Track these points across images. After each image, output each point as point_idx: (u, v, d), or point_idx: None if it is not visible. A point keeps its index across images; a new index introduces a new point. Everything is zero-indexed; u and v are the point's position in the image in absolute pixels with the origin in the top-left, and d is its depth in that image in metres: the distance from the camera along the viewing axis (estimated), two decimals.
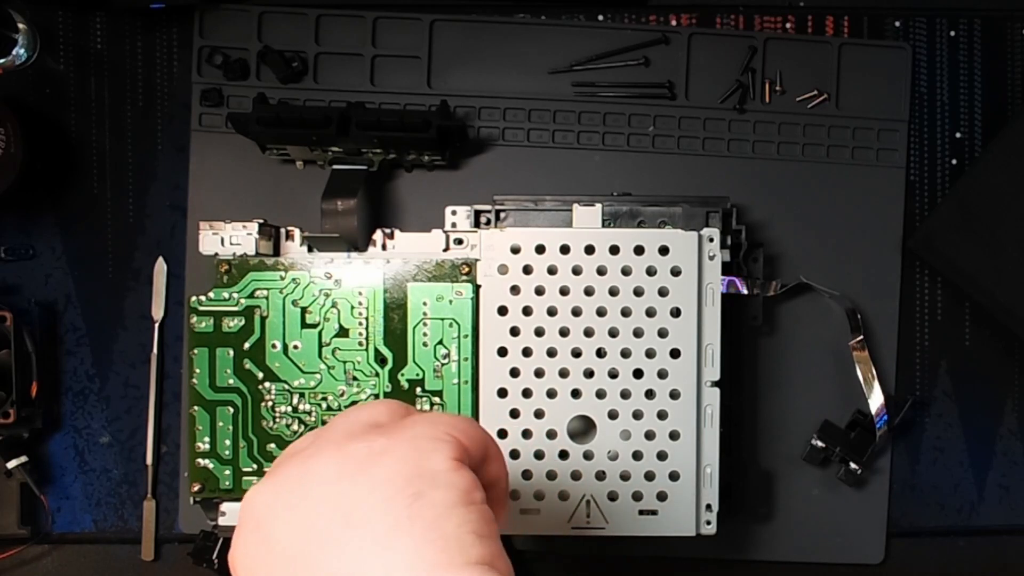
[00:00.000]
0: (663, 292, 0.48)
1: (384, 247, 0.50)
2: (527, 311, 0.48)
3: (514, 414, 0.48)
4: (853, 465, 0.54)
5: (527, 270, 0.48)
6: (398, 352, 0.49)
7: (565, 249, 0.48)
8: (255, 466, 0.49)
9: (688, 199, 0.51)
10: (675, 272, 0.48)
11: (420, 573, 0.25)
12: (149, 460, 0.55)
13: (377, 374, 0.49)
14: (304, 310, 0.49)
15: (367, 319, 0.49)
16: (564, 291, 0.48)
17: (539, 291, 0.48)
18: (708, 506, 0.48)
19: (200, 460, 0.49)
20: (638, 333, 0.48)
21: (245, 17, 0.55)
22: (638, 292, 0.48)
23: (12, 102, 0.54)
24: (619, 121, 0.56)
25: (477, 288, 0.48)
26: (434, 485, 0.27)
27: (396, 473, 0.27)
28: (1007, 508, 0.56)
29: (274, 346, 0.49)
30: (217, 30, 0.55)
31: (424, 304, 0.49)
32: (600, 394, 0.48)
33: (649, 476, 0.48)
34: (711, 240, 0.48)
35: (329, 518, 0.27)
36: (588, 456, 0.48)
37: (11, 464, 0.53)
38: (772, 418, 0.55)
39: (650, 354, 0.48)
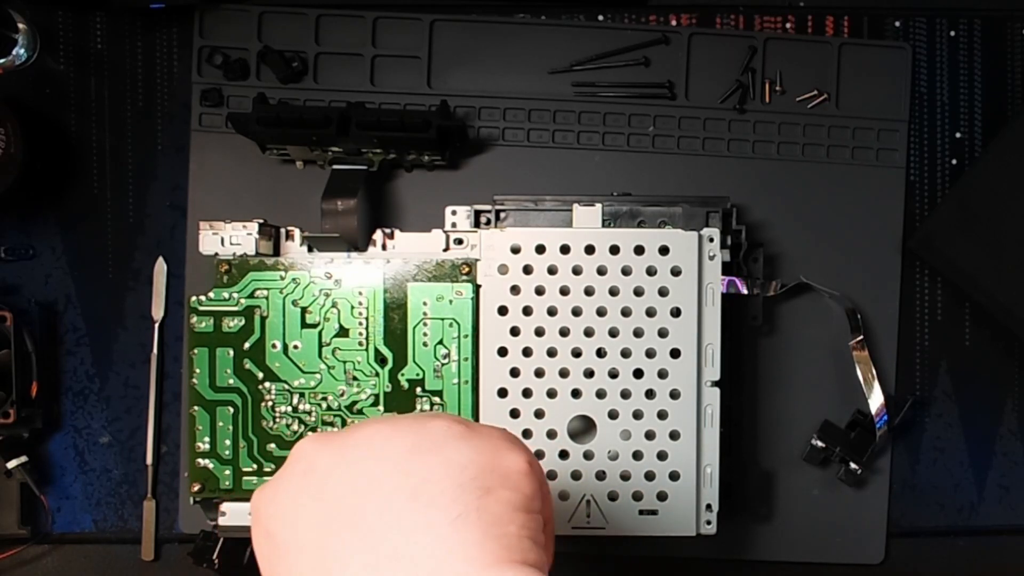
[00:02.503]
0: (663, 292, 0.48)
1: (384, 247, 0.50)
2: (527, 311, 0.48)
3: (514, 414, 0.48)
4: (853, 465, 0.54)
5: (527, 270, 0.48)
6: (398, 352, 0.49)
7: (565, 249, 0.48)
8: (255, 466, 0.49)
9: (688, 199, 0.51)
10: (675, 272, 0.48)
11: (479, 565, 0.26)
12: (149, 460, 0.55)
13: (377, 374, 0.49)
14: (304, 310, 0.49)
15: (367, 319, 0.49)
16: (564, 291, 0.48)
17: (539, 291, 0.48)
18: (708, 506, 0.48)
19: (200, 460, 0.49)
20: (638, 333, 0.48)
21: (245, 17, 0.55)
22: (638, 292, 0.48)
23: (12, 102, 0.54)
24: (619, 121, 0.56)
25: (477, 288, 0.48)
26: (504, 484, 0.28)
27: (471, 461, 0.28)
28: (1007, 508, 0.56)
29: (274, 346, 0.49)
30: (217, 30, 0.55)
31: (424, 304, 0.49)
32: (600, 394, 0.48)
33: (649, 476, 0.48)
34: (711, 240, 0.48)
35: (395, 487, 0.27)
36: (588, 456, 0.48)
37: (11, 464, 0.53)
38: (772, 418, 0.55)
39: (650, 354, 0.48)
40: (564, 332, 0.48)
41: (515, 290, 0.48)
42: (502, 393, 0.48)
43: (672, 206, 0.51)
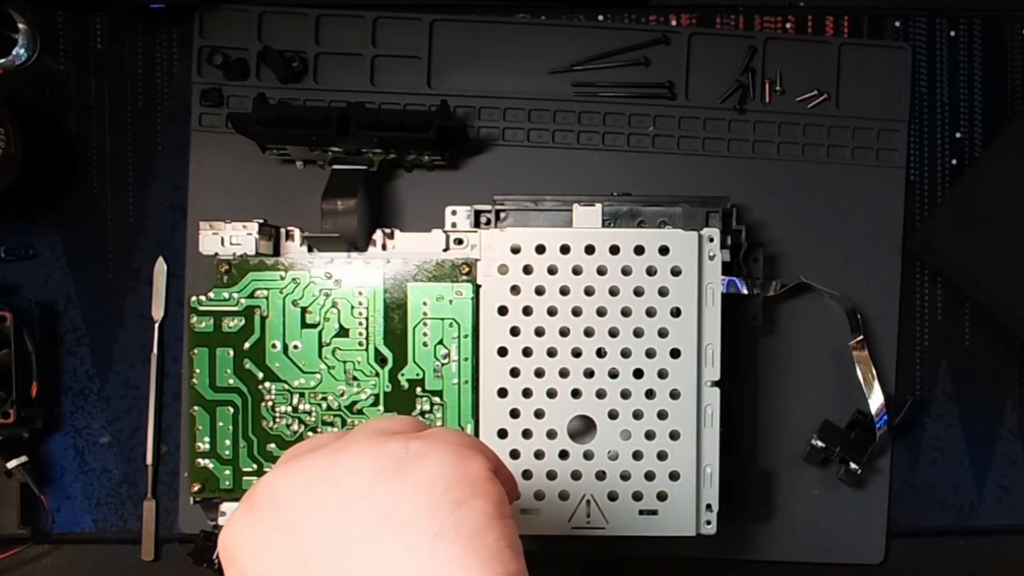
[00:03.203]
0: (663, 292, 0.48)
1: (384, 247, 0.50)
2: (527, 311, 0.48)
3: (514, 414, 0.48)
4: (853, 465, 0.54)
5: (527, 270, 0.48)
6: (398, 352, 0.49)
7: (565, 249, 0.48)
8: (255, 466, 0.49)
9: (688, 199, 0.51)
10: (675, 272, 0.48)
11: None
12: (149, 460, 0.55)
13: (377, 374, 0.49)
14: (304, 310, 0.49)
15: (367, 319, 0.49)
16: (564, 291, 0.48)
17: (539, 291, 0.48)
18: (708, 506, 0.48)
19: (200, 460, 0.49)
20: (638, 333, 0.48)
21: (245, 17, 0.55)
22: (638, 292, 0.48)
23: (12, 102, 0.54)
24: (619, 121, 0.56)
25: (477, 288, 0.48)
26: (474, 494, 0.28)
27: (438, 476, 0.27)
28: (1007, 508, 0.56)
29: (274, 346, 0.49)
30: (217, 30, 0.55)
31: (424, 304, 0.49)
32: (600, 394, 0.48)
33: (649, 476, 0.48)
34: (711, 240, 0.48)
35: (366, 516, 0.26)
36: (588, 456, 0.48)
37: (11, 464, 0.53)
38: (772, 418, 0.55)
39: (650, 354, 0.48)
40: (564, 332, 0.48)
41: (515, 290, 0.48)
42: (502, 393, 0.48)
43: (672, 206, 0.51)
